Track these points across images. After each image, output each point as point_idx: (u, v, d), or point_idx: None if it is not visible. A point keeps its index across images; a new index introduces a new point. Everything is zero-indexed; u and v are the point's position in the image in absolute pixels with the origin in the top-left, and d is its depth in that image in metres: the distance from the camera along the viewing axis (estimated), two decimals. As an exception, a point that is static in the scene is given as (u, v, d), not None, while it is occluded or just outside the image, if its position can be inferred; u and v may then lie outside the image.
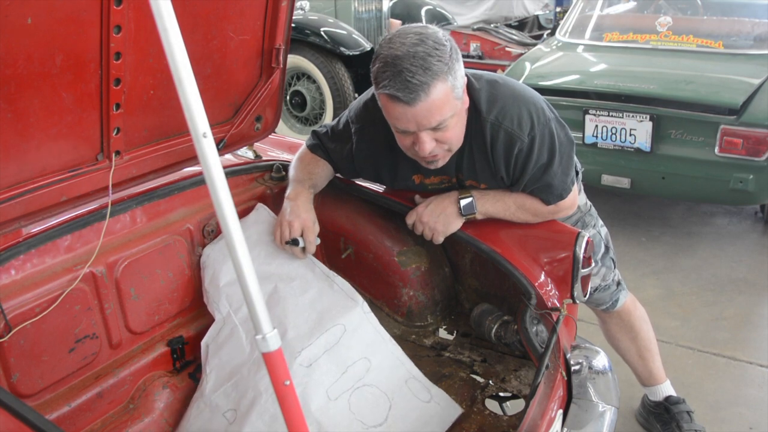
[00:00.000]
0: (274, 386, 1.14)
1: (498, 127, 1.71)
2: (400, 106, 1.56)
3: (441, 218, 1.84)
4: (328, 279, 1.86)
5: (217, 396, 1.70)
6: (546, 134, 1.74)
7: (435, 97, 1.54)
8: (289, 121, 6.18)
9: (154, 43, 1.07)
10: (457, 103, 1.62)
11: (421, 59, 1.52)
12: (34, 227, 1.58)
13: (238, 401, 1.67)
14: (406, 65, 1.52)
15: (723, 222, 4.50)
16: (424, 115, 1.57)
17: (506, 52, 6.31)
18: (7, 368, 1.51)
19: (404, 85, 1.52)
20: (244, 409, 1.64)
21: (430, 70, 1.52)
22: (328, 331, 1.71)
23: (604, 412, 1.68)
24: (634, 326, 2.40)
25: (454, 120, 1.63)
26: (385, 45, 1.58)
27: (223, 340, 1.77)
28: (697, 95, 3.82)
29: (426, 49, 1.53)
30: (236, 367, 1.72)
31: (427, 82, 1.52)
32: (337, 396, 1.64)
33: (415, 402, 1.72)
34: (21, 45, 1.30)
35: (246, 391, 1.66)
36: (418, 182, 1.91)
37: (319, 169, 1.97)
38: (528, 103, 1.74)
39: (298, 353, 1.66)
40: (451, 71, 1.56)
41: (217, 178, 1.08)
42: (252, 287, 1.13)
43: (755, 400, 2.82)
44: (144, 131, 1.71)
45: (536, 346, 1.69)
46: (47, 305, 1.56)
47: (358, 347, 1.73)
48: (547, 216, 1.88)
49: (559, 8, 7.72)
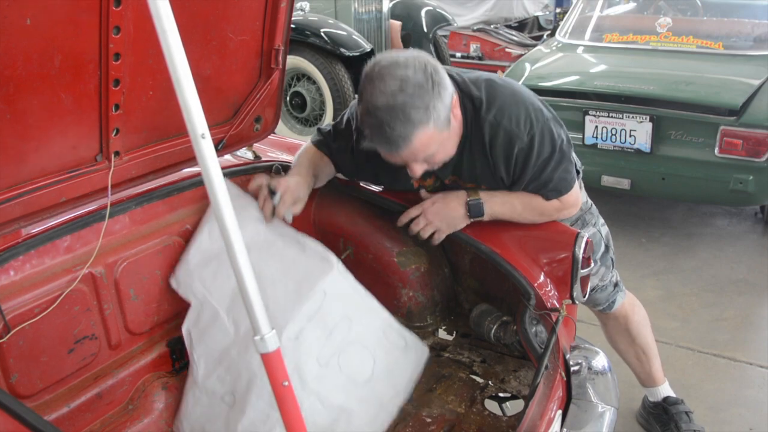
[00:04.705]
0: (272, 387, 1.14)
1: (497, 127, 1.71)
2: (384, 152, 1.64)
3: (447, 218, 1.84)
4: (299, 243, 1.82)
5: (212, 382, 1.69)
6: (545, 132, 1.74)
7: (417, 143, 1.57)
8: (289, 122, 6.18)
9: (154, 44, 1.07)
10: (444, 134, 1.63)
11: (401, 111, 1.52)
12: (34, 228, 1.58)
13: (233, 384, 1.66)
14: (385, 118, 1.53)
15: (723, 223, 4.50)
16: (408, 156, 1.62)
17: (506, 53, 6.32)
18: (6, 369, 1.51)
19: (385, 139, 1.56)
20: (242, 392, 1.64)
21: (410, 122, 1.53)
22: (309, 300, 1.69)
23: (603, 413, 1.68)
24: (631, 331, 2.39)
25: (442, 147, 1.66)
26: (367, 86, 1.57)
27: (205, 324, 1.75)
28: (697, 96, 3.82)
29: (405, 99, 1.52)
30: (224, 350, 1.70)
31: (406, 134, 1.54)
32: (327, 361, 1.66)
33: (394, 352, 1.79)
34: (20, 46, 1.30)
35: (240, 373, 1.65)
36: (417, 186, 1.92)
37: (323, 163, 1.97)
38: (526, 103, 1.75)
39: (284, 327, 1.64)
40: (434, 112, 1.56)
41: (215, 179, 1.09)
42: (251, 289, 1.14)
43: (755, 401, 2.82)
44: (143, 132, 1.71)
45: (535, 347, 1.69)
46: (46, 306, 1.55)
47: (339, 308, 1.73)
48: (553, 214, 1.87)
49: (559, 9, 7.73)
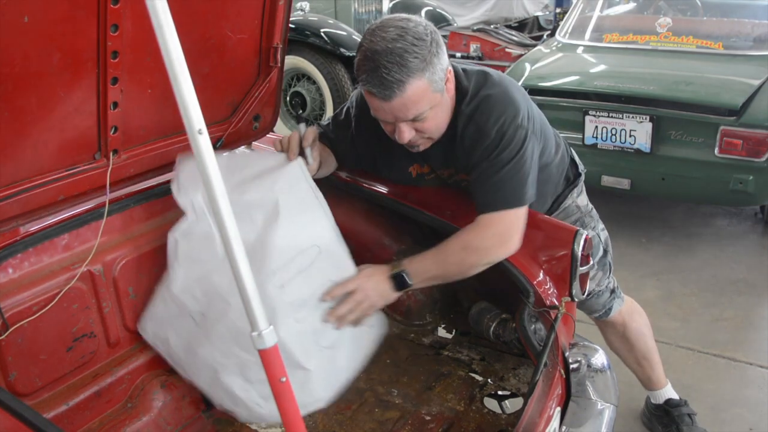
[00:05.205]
0: (270, 383, 1.14)
1: (469, 120, 1.72)
2: (377, 100, 1.62)
3: (377, 291, 1.71)
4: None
5: (186, 296, 1.67)
6: (515, 137, 1.69)
7: (410, 93, 1.58)
8: (288, 122, 6.18)
9: (152, 42, 1.07)
10: (437, 96, 1.64)
11: (398, 56, 1.55)
12: (32, 226, 1.58)
13: (207, 306, 1.66)
14: (383, 61, 1.56)
15: (723, 223, 4.50)
16: (399, 109, 1.62)
17: (506, 53, 6.30)
18: (4, 367, 1.51)
19: (380, 81, 1.57)
20: (213, 317, 1.64)
21: (406, 67, 1.56)
22: (303, 253, 1.66)
23: (602, 410, 1.68)
24: (630, 338, 2.37)
25: (433, 111, 1.66)
26: (368, 36, 1.61)
27: (196, 238, 1.68)
28: (697, 96, 3.82)
29: (404, 45, 1.56)
30: (207, 272, 1.65)
31: (402, 79, 1.56)
32: (303, 318, 1.65)
33: (362, 327, 1.76)
34: (18, 43, 1.30)
35: (215, 300, 1.64)
36: (415, 175, 1.92)
37: (326, 153, 1.95)
38: (509, 104, 1.71)
39: (273, 273, 1.61)
40: (430, 66, 1.59)
41: (212, 175, 1.09)
42: (248, 285, 1.13)
43: (755, 401, 2.81)
44: (141, 130, 1.71)
45: (535, 344, 1.69)
46: (45, 304, 1.55)
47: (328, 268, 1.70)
48: (495, 246, 1.71)
49: (558, 9, 7.71)
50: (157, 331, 1.74)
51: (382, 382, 1.93)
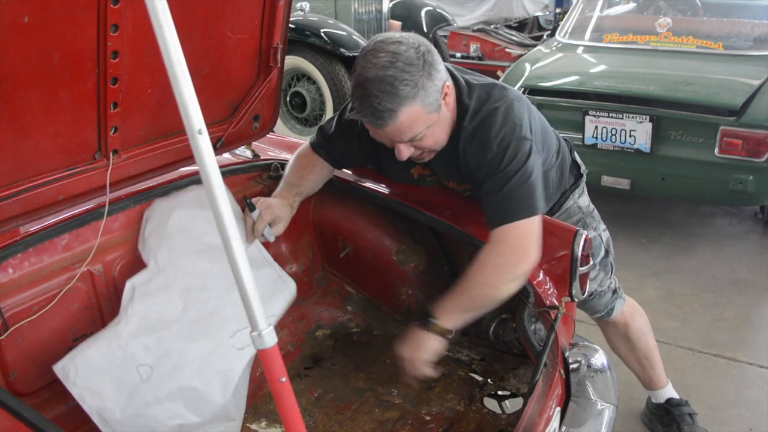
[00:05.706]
0: (270, 383, 1.13)
1: (472, 136, 1.70)
2: (371, 126, 1.63)
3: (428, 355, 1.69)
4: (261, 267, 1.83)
5: (136, 344, 1.55)
6: (520, 149, 1.67)
7: (403, 119, 1.57)
8: (288, 122, 6.18)
9: (152, 42, 1.07)
10: (432, 116, 1.63)
11: (389, 84, 1.54)
12: (32, 226, 1.58)
13: (158, 359, 1.55)
14: (374, 90, 1.54)
15: (723, 223, 4.50)
16: (395, 134, 1.62)
17: (506, 53, 6.31)
18: (4, 367, 1.51)
19: (371, 111, 1.56)
20: (163, 372, 1.55)
21: (397, 96, 1.54)
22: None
23: (602, 411, 1.68)
24: (631, 338, 2.37)
25: (430, 130, 1.65)
26: (361, 60, 1.59)
27: (154, 289, 1.65)
28: (697, 96, 3.82)
29: (394, 73, 1.54)
30: (164, 322, 1.61)
31: (393, 108, 1.55)
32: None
33: None
34: (18, 44, 1.30)
35: (170, 353, 1.57)
36: (417, 176, 1.92)
37: (313, 174, 1.95)
38: (512, 118, 1.69)
39: (233, 333, 1.65)
40: (422, 90, 1.57)
41: (212, 175, 1.08)
42: (248, 285, 1.13)
43: (755, 401, 2.81)
44: (141, 130, 1.71)
45: (534, 345, 1.69)
46: (45, 304, 1.56)
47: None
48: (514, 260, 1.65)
49: (558, 9, 7.72)
50: (86, 381, 1.49)
51: (382, 382, 1.93)
